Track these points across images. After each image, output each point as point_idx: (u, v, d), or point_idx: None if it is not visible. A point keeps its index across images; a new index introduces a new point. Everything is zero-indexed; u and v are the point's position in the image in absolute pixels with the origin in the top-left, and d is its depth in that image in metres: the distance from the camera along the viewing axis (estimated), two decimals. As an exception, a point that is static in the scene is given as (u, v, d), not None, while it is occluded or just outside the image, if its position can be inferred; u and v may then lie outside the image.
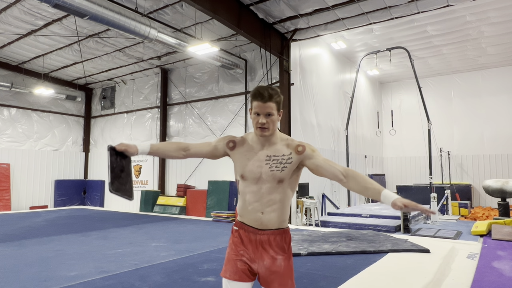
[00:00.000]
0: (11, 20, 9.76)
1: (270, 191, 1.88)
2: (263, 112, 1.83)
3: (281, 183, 1.88)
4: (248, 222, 1.93)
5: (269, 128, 1.86)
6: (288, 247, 1.94)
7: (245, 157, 1.94)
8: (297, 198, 10.42)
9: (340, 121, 13.54)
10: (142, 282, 3.82)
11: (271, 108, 1.83)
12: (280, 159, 1.89)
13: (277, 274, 1.87)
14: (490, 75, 15.77)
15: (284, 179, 1.88)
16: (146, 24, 8.12)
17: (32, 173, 14.24)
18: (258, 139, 1.93)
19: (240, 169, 1.94)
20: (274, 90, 1.86)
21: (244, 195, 1.93)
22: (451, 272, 4.26)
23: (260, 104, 1.82)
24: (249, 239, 1.91)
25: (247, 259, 1.90)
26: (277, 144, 1.94)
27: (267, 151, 1.91)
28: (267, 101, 1.82)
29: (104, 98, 16.02)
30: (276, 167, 1.87)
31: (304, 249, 5.22)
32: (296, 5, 8.88)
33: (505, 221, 7.08)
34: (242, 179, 1.93)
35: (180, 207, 12.28)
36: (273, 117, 1.85)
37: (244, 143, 1.98)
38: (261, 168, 1.89)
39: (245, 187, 1.92)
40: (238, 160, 1.96)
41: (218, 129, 12.38)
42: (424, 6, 8.68)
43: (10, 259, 4.83)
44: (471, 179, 15.83)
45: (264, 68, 10.83)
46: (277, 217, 1.89)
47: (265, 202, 1.88)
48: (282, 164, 1.88)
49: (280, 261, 1.88)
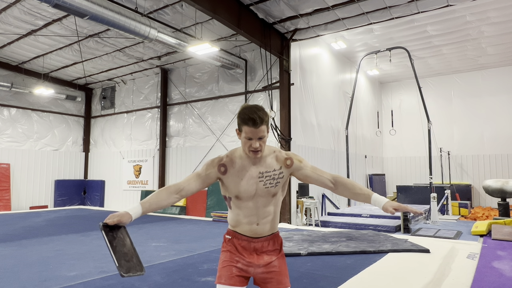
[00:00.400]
0: (11, 20, 9.76)
1: (265, 204, 1.92)
2: (255, 137, 1.79)
3: (275, 196, 1.94)
4: (242, 232, 1.95)
5: (261, 150, 1.85)
6: (280, 248, 2.01)
7: (238, 178, 1.90)
8: (297, 198, 10.42)
9: (340, 121, 13.54)
10: (142, 282, 3.82)
11: (263, 132, 1.80)
12: (272, 174, 1.91)
13: (274, 273, 1.94)
14: (490, 75, 15.77)
15: (277, 192, 1.94)
16: (146, 24, 8.12)
17: (32, 173, 14.24)
18: (248, 157, 1.90)
19: (235, 190, 1.91)
20: (262, 112, 1.80)
21: (238, 210, 1.94)
22: (451, 272, 4.25)
23: (253, 130, 1.77)
24: (243, 247, 1.95)
25: (242, 265, 1.93)
26: (267, 158, 1.93)
27: (259, 168, 1.90)
28: (259, 126, 1.77)
29: (104, 98, 16.02)
30: (270, 183, 1.90)
31: (304, 249, 5.21)
32: (296, 5, 8.88)
33: (505, 221, 7.08)
34: (237, 199, 1.92)
35: (180, 207, 12.28)
36: (264, 139, 1.84)
37: (233, 162, 1.92)
38: (256, 185, 1.89)
39: (240, 203, 1.92)
40: (232, 182, 1.92)
41: (218, 129, 12.38)
42: (424, 6, 8.68)
43: (10, 259, 4.83)
44: (471, 179, 15.84)
45: (264, 68, 10.83)
46: (270, 226, 1.95)
47: (260, 215, 1.92)
48: (275, 180, 1.91)
49: (275, 261, 1.95)
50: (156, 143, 14.01)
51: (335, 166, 12.98)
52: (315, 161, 11.86)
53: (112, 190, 15.34)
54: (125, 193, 14.84)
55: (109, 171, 15.51)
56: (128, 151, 14.95)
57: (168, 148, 13.80)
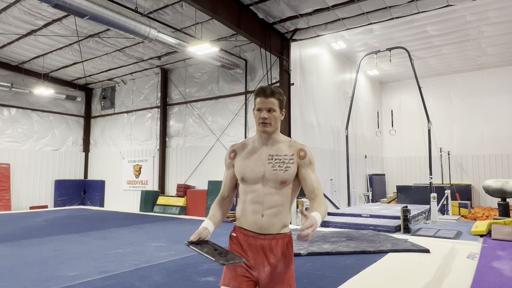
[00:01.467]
0: (11, 20, 9.76)
1: (272, 192, 1.82)
2: (265, 107, 1.83)
3: (283, 185, 1.83)
4: (247, 226, 1.86)
5: (271, 124, 1.85)
6: (290, 253, 1.86)
7: (246, 159, 1.90)
8: (297, 198, 10.42)
9: (340, 121, 13.54)
10: (142, 282, 3.82)
11: (273, 104, 1.83)
12: (282, 158, 1.85)
13: (278, 281, 1.80)
14: (490, 75, 15.77)
15: (287, 180, 1.83)
16: (146, 24, 8.12)
17: (32, 173, 14.24)
18: (260, 137, 1.91)
19: (241, 171, 1.89)
20: (277, 89, 1.87)
21: (244, 196, 1.88)
22: (451, 272, 4.25)
23: (262, 100, 1.83)
24: (249, 244, 1.84)
25: (246, 266, 1.83)
26: (280, 144, 1.91)
27: (269, 150, 1.88)
28: (269, 97, 1.83)
29: (104, 98, 16.02)
30: (280, 166, 1.83)
31: (304, 249, 5.21)
32: (296, 5, 8.88)
33: (505, 221, 7.08)
34: (243, 181, 1.89)
35: (180, 207, 12.28)
36: (275, 113, 1.85)
37: (245, 147, 1.95)
38: (263, 167, 1.84)
39: (246, 187, 1.87)
40: (239, 163, 1.91)
41: (218, 129, 12.38)
42: (424, 6, 8.68)
43: (10, 259, 4.83)
44: (471, 179, 15.83)
45: (264, 68, 10.82)
46: (278, 221, 1.82)
47: (266, 204, 1.82)
48: (285, 164, 1.84)
49: (281, 267, 1.82)
50: (156, 143, 14.01)
51: (335, 166, 12.99)
52: (315, 161, 11.84)
53: (112, 190, 15.34)
54: (125, 193, 14.84)
55: (109, 171, 15.51)
56: (128, 151, 14.95)
57: (168, 148, 13.80)
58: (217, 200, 2.02)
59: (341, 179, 13.24)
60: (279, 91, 1.87)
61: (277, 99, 1.85)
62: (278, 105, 1.86)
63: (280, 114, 1.88)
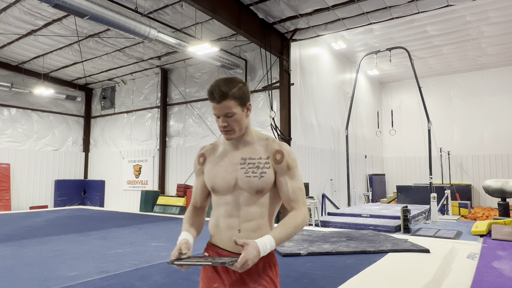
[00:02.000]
0: (11, 20, 9.76)
1: (248, 202, 1.54)
2: (220, 113, 1.52)
3: (260, 194, 1.55)
4: (222, 244, 1.58)
5: (233, 130, 1.54)
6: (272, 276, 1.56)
7: (217, 165, 1.62)
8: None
9: (340, 121, 13.54)
10: (142, 282, 3.82)
11: (229, 108, 1.50)
12: (256, 162, 1.56)
13: None
14: (490, 75, 15.77)
15: (263, 189, 1.54)
16: (146, 24, 8.12)
17: (32, 173, 14.24)
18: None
19: (211, 180, 1.61)
20: (230, 85, 1.50)
21: (217, 209, 1.61)
22: (451, 272, 4.25)
23: (215, 106, 1.51)
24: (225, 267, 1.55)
25: None
26: (255, 144, 1.61)
27: (242, 153, 1.59)
28: (220, 101, 1.49)
29: (104, 98, 16.02)
30: (253, 172, 1.54)
31: (304, 249, 5.21)
32: (296, 5, 8.88)
33: (505, 221, 7.08)
34: (214, 192, 1.62)
35: (180, 207, 12.28)
36: (236, 116, 1.52)
37: (215, 149, 1.68)
38: (235, 173, 1.56)
39: (219, 199, 1.60)
40: (209, 169, 1.63)
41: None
42: (424, 6, 8.68)
43: (10, 259, 4.83)
44: (471, 179, 15.84)
45: (264, 68, 10.83)
46: (258, 237, 1.46)
47: (242, 217, 1.54)
48: (259, 169, 1.54)
49: None
50: (156, 143, 14.01)
51: (335, 166, 12.99)
52: (315, 161, 11.86)
53: (112, 190, 15.34)
54: (125, 193, 14.84)
55: (109, 171, 15.52)
56: (128, 151, 14.95)
57: (168, 148, 13.80)
58: (189, 211, 1.74)
59: (341, 179, 13.24)
60: (233, 85, 1.51)
61: (232, 98, 1.49)
62: (237, 104, 1.51)
63: (242, 112, 1.54)
